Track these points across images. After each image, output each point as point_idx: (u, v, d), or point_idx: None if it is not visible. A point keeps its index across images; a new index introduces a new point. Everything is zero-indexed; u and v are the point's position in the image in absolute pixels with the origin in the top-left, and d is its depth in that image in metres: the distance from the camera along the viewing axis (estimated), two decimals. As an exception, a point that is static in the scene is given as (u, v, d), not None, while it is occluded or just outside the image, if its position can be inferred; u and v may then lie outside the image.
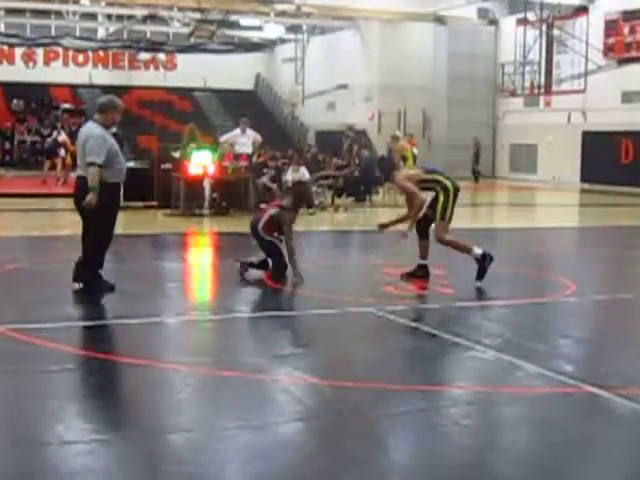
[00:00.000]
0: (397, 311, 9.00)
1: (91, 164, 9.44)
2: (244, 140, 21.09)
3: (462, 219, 13.51)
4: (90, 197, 9.34)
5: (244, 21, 44.78)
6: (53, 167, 29.00)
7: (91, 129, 9.71)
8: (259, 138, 21.78)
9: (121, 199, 10.43)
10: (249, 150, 20.95)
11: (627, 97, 32.98)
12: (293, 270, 10.73)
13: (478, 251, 10.45)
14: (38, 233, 16.39)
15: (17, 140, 38.70)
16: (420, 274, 10.70)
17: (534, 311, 9.51)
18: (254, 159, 21.55)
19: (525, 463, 5.03)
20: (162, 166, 20.52)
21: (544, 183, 35.09)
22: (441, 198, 10.52)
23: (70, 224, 18.20)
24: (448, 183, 10.55)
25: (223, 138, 21.98)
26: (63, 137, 30.26)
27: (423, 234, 10.74)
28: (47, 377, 6.54)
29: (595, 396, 6.16)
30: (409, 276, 10.73)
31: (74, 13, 44.08)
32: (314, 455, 5.08)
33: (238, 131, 21.46)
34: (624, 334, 8.52)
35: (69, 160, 29.28)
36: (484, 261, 10.38)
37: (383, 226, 11.15)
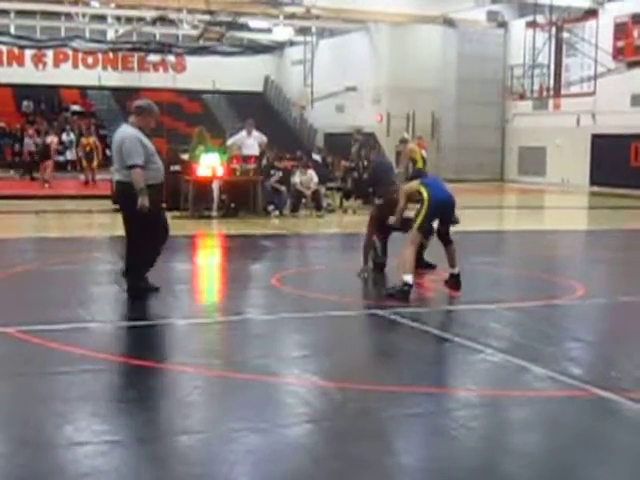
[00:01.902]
0: (406, 313, 8.99)
1: (132, 166, 9.29)
2: (250, 142, 21.05)
3: (472, 222, 13.53)
4: (140, 201, 9.22)
5: (253, 23, 44.83)
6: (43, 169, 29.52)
7: (124, 131, 9.57)
8: (264, 139, 21.72)
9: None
10: (256, 152, 20.91)
11: (636, 100, 32.89)
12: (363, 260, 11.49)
13: (408, 278, 9.79)
14: (47, 234, 16.44)
15: (27, 142, 38.72)
16: (451, 282, 10.41)
17: (543, 314, 9.49)
18: (263, 161, 21.53)
19: (534, 466, 5.02)
20: (171, 168, 20.54)
21: (553, 186, 35.03)
22: (420, 207, 10.31)
23: (80, 226, 18.29)
24: (425, 194, 10.33)
25: (230, 141, 21.94)
26: (52, 139, 30.86)
27: (444, 240, 10.57)
28: (57, 379, 6.56)
29: (605, 399, 6.14)
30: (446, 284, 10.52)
31: (84, 15, 44.20)
32: (323, 457, 5.08)
33: (244, 133, 21.41)
34: (634, 337, 8.50)
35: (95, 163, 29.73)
36: (401, 290, 9.74)
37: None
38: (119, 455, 5.02)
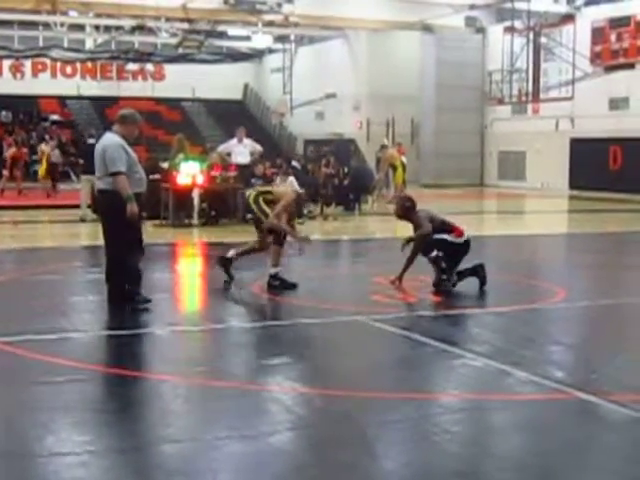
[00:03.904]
0: (387, 319, 9.00)
1: (116, 174, 9.20)
2: (240, 149, 20.96)
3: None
4: (129, 208, 9.11)
5: (232, 31, 44.80)
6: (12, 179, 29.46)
7: (107, 138, 9.50)
8: (259, 148, 21.58)
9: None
10: (246, 160, 20.82)
11: (614, 104, 33.08)
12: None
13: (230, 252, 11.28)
14: (27, 245, 16.36)
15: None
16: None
17: (524, 318, 9.52)
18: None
19: (516, 470, 5.03)
20: (151, 177, 20.43)
21: (533, 190, 35.16)
22: None
23: (58, 235, 18.22)
24: None
25: (220, 148, 21.83)
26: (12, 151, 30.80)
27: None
28: (38, 389, 6.52)
29: (585, 402, 6.17)
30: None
31: (62, 24, 44.03)
32: (305, 464, 5.08)
33: (234, 141, 21.34)
34: (614, 340, 8.54)
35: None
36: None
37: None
38: (100, 465, 5.00)
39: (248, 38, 46.52)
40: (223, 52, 48.84)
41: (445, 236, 10.72)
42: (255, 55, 50.55)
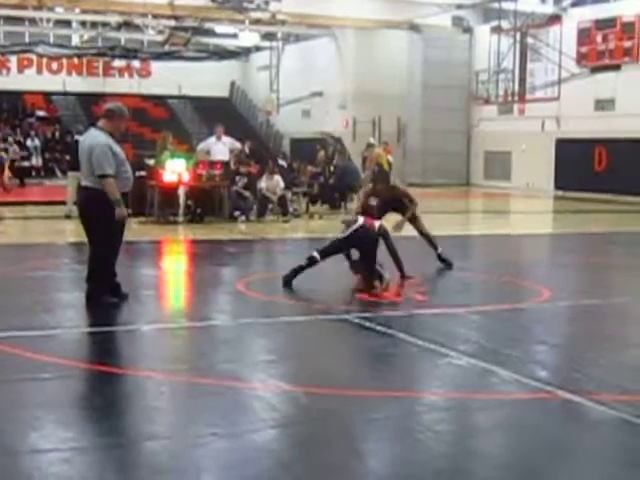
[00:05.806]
0: (372, 318, 9.00)
1: (104, 176, 9.04)
2: (219, 147, 20.94)
3: (437, 227, 13.57)
4: (118, 212, 9.02)
5: (219, 28, 44.72)
6: None
7: (95, 137, 9.24)
8: (238, 145, 21.60)
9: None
10: (225, 157, 20.81)
11: (600, 105, 33.18)
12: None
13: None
14: (10, 241, 16.29)
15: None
16: None
17: (509, 317, 9.54)
18: (232, 166, 21.42)
19: (500, 469, 5.04)
20: (136, 174, 20.40)
21: (518, 190, 35.24)
22: None
23: (43, 232, 18.14)
24: None
25: (199, 146, 21.87)
26: None
27: None
28: (22, 386, 6.49)
29: (569, 402, 6.19)
30: None
31: (48, 20, 43.86)
32: (290, 462, 5.07)
33: (213, 139, 21.34)
34: (599, 340, 8.56)
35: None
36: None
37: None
38: (84, 462, 4.98)
39: (235, 36, 46.46)
40: (210, 49, 48.72)
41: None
42: (242, 53, 50.47)
